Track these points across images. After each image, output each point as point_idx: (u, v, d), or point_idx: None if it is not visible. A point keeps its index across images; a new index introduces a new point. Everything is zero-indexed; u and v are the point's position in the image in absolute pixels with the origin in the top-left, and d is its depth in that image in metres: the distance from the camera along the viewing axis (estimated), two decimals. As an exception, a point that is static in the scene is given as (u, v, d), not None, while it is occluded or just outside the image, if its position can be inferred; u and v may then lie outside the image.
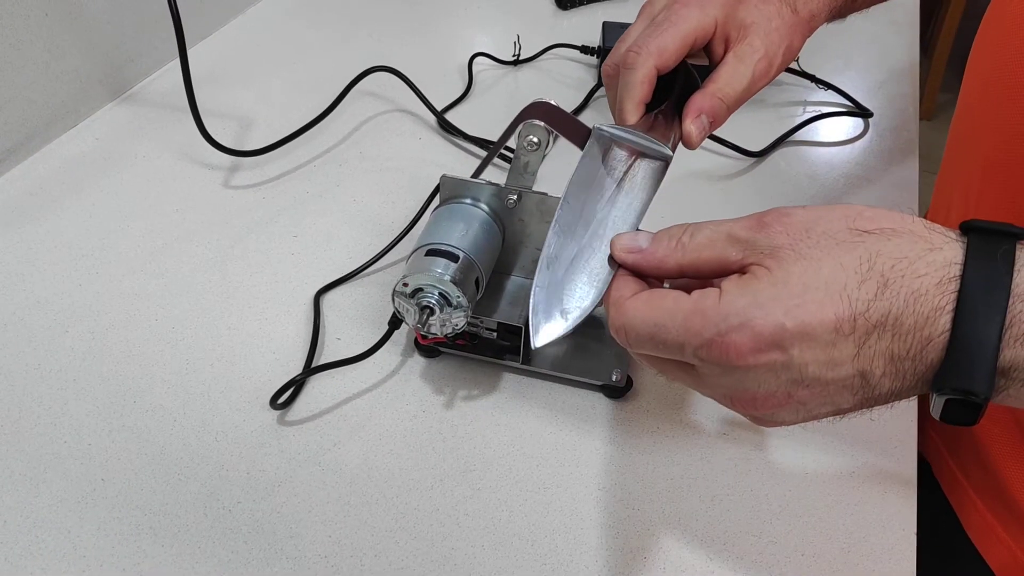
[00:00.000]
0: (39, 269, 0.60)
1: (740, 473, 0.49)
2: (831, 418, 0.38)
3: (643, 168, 0.45)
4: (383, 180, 0.70)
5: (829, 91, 0.82)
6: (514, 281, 0.54)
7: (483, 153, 0.74)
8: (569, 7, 0.99)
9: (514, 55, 0.87)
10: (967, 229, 0.35)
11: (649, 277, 0.40)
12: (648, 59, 0.47)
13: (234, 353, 0.54)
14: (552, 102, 0.50)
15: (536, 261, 0.52)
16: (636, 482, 0.49)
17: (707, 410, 0.53)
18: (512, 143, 0.49)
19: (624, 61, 0.48)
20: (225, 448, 0.49)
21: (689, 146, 0.47)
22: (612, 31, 0.85)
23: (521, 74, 0.86)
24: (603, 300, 0.40)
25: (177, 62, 0.66)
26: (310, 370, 0.53)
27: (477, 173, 0.54)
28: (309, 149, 0.73)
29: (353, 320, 0.57)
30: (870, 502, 0.48)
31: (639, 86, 0.47)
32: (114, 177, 0.69)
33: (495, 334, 0.52)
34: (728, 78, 0.48)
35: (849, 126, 0.79)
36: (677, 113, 0.48)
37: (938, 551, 0.49)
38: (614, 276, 0.40)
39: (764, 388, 0.36)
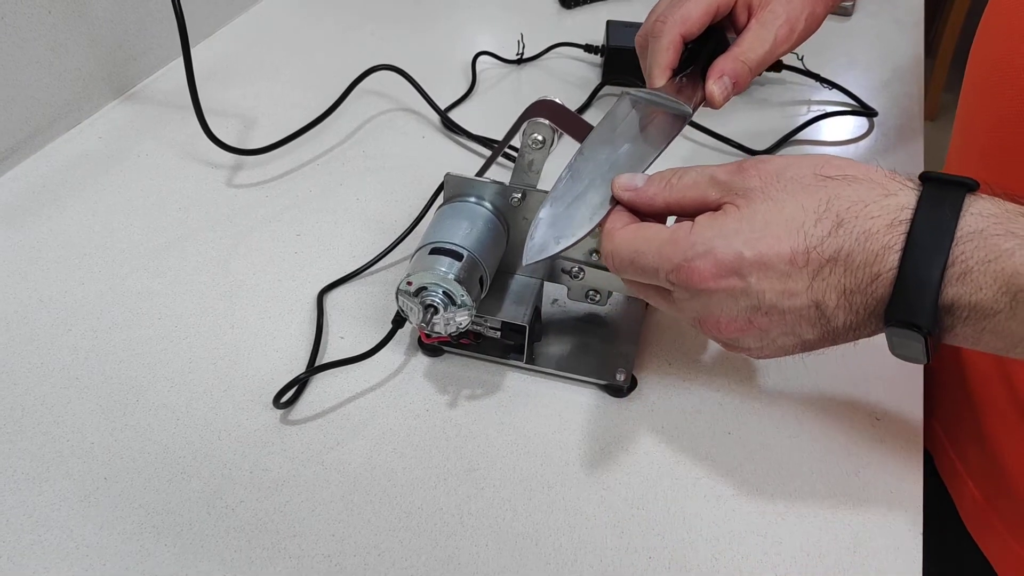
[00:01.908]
0: (42, 267, 0.60)
1: (745, 473, 0.49)
2: (801, 353, 0.43)
3: (660, 123, 0.50)
4: (386, 179, 0.70)
5: (833, 90, 0.82)
6: (518, 280, 0.54)
7: (486, 152, 0.74)
8: (573, 6, 0.99)
9: (518, 54, 0.87)
10: (924, 179, 0.38)
11: (642, 213, 0.44)
12: (673, 28, 0.52)
13: (237, 352, 0.54)
14: (557, 100, 0.50)
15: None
16: (641, 481, 0.48)
17: (712, 409, 0.52)
18: (516, 141, 0.49)
19: (652, 30, 0.53)
20: (228, 447, 0.49)
21: (713, 105, 0.52)
22: (616, 30, 0.85)
23: (525, 73, 0.86)
24: (599, 230, 0.44)
25: (180, 60, 0.66)
26: (313, 369, 0.52)
27: (481, 171, 0.54)
28: (312, 148, 0.73)
29: (356, 319, 0.57)
30: (876, 502, 0.48)
31: (664, 52, 0.52)
32: (117, 175, 0.69)
33: (499, 333, 0.52)
34: (750, 43, 0.53)
35: (854, 125, 0.79)
36: (703, 77, 0.53)
37: (936, 542, 0.49)
38: (610, 211, 0.44)
39: (726, 313, 0.40)
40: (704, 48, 0.54)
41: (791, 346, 0.42)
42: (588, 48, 0.87)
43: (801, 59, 0.82)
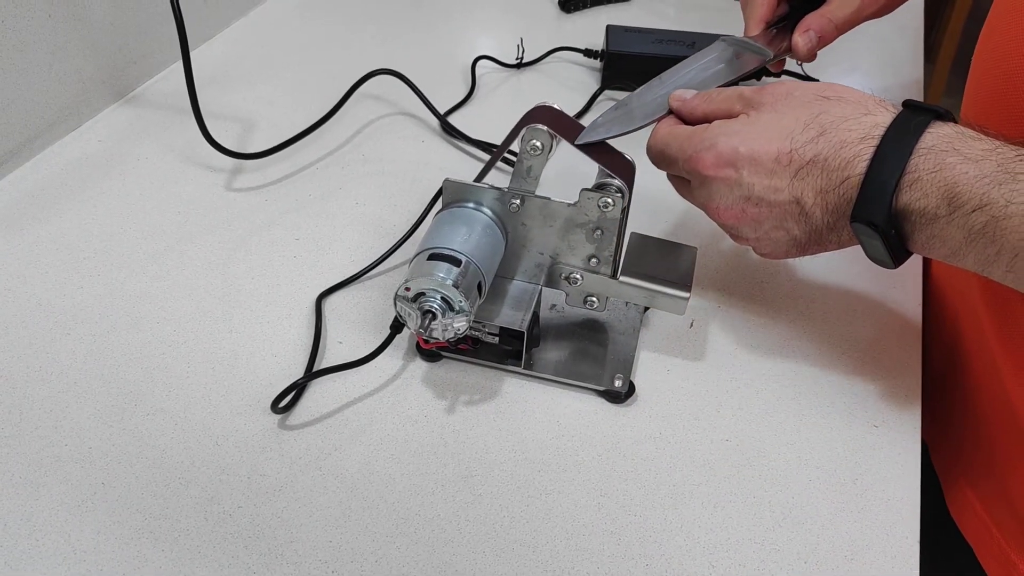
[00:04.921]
0: (41, 271, 0.60)
1: (743, 480, 0.49)
2: (797, 256, 0.50)
3: (736, 60, 0.59)
4: (385, 183, 0.70)
5: (833, 95, 0.82)
6: (516, 285, 0.54)
7: (485, 156, 0.74)
8: (572, 10, 0.99)
9: (517, 58, 0.87)
10: (905, 106, 0.45)
11: (685, 120, 0.52)
12: None
13: (235, 356, 0.54)
14: (555, 106, 0.50)
15: (539, 265, 0.53)
16: (638, 488, 0.48)
17: (709, 416, 0.52)
18: (515, 147, 0.49)
19: None
20: (226, 452, 0.49)
21: (797, 56, 0.61)
22: (615, 34, 0.85)
23: (524, 77, 0.86)
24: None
25: (180, 64, 0.66)
26: (311, 374, 0.52)
27: (480, 177, 0.54)
28: (311, 152, 0.73)
29: (355, 324, 0.57)
30: (873, 510, 0.48)
31: (760, 6, 0.61)
32: (116, 179, 0.69)
33: (497, 339, 0.52)
34: (840, 3, 0.60)
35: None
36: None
37: (933, 550, 0.49)
38: (662, 116, 0.53)
39: (724, 201, 0.48)
40: (805, 5, 0.62)
41: (785, 243, 0.49)
42: (588, 52, 0.87)
43: (801, 65, 0.82)
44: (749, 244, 0.51)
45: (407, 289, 0.48)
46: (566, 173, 0.52)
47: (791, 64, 0.82)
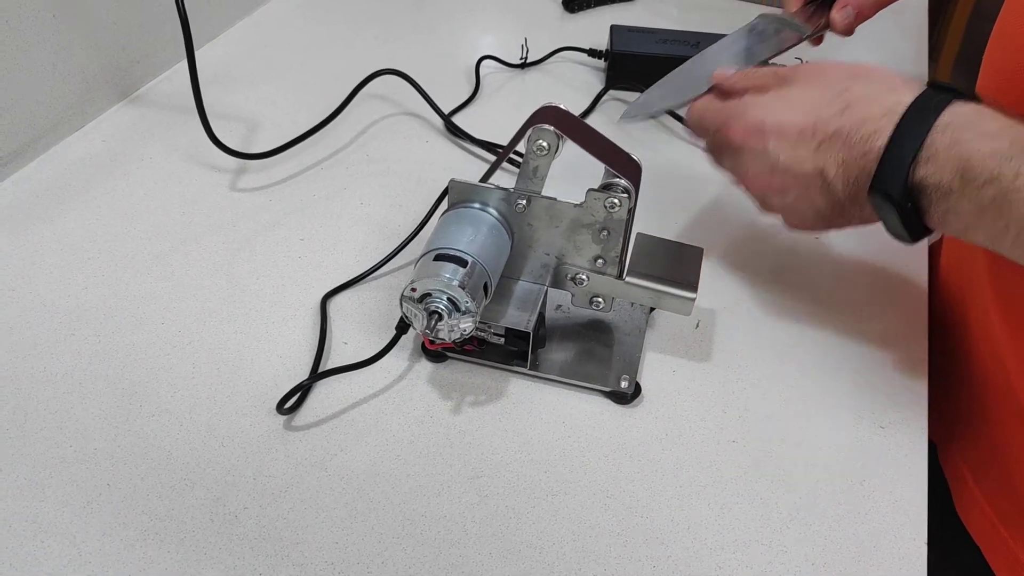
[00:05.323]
0: (45, 271, 0.59)
1: (750, 481, 0.49)
2: (823, 230, 0.51)
3: (777, 37, 0.62)
4: (390, 183, 0.70)
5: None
6: (522, 286, 0.54)
7: (490, 156, 0.73)
8: (576, 10, 0.99)
9: (521, 58, 0.87)
10: (929, 85, 0.46)
11: (726, 95, 0.54)
12: None
13: (240, 357, 0.54)
14: (562, 106, 0.50)
15: (545, 266, 0.53)
16: (644, 489, 0.48)
17: (716, 417, 0.52)
18: (521, 147, 0.49)
19: None
20: (231, 453, 0.49)
21: (836, 31, 0.63)
22: (620, 34, 0.85)
23: (528, 77, 0.86)
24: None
25: (184, 64, 0.66)
26: (317, 375, 0.52)
27: (486, 177, 0.53)
28: (316, 152, 0.73)
29: (360, 324, 0.57)
30: (880, 511, 0.48)
31: None
32: (120, 179, 0.69)
33: (503, 339, 0.52)
34: None
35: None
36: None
37: (940, 551, 0.49)
38: (706, 91, 0.56)
39: (751, 169, 0.51)
40: None
41: (811, 214, 0.50)
42: (592, 52, 0.87)
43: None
44: (777, 214, 0.53)
45: (413, 290, 0.47)
46: (572, 173, 0.52)
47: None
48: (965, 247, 0.61)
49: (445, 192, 0.53)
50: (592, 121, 0.79)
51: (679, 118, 0.76)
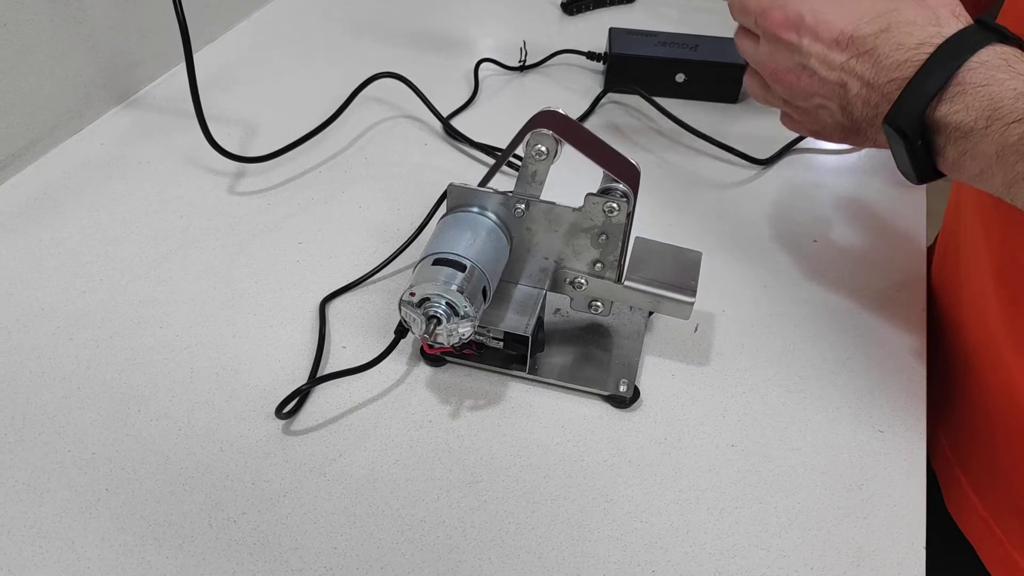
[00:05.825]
0: (43, 275, 0.59)
1: (748, 485, 0.49)
2: (839, 141, 0.51)
3: None
4: (389, 186, 0.70)
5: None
6: (521, 290, 0.54)
7: (489, 159, 0.73)
8: (575, 12, 0.99)
9: (520, 61, 0.87)
10: (977, 22, 0.44)
11: None
12: None
13: (239, 361, 0.54)
14: (560, 111, 0.50)
15: (544, 270, 0.53)
16: (643, 494, 0.48)
17: (715, 421, 0.52)
18: (520, 151, 0.49)
19: None
20: (230, 458, 0.49)
21: None
22: (618, 37, 0.85)
23: (527, 80, 0.86)
24: None
25: (182, 67, 0.66)
26: (315, 380, 0.52)
27: (484, 182, 0.53)
28: (314, 155, 0.73)
29: (359, 328, 0.57)
30: (878, 515, 0.48)
31: None
32: (118, 182, 0.69)
33: (502, 343, 0.52)
34: None
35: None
36: None
37: (938, 555, 0.49)
38: None
39: (783, 63, 0.50)
40: None
41: (829, 124, 0.50)
42: (591, 55, 0.87)
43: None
44: (798, 115, 0.52)
45: (412, 294, 0.47)
46: (571, 177, 0.52)
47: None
48: (965, 249, 0.61)
49: (444, 196, 0.53)
50: (591, 124, 0.79)
51: (665, 112, 0.76)
